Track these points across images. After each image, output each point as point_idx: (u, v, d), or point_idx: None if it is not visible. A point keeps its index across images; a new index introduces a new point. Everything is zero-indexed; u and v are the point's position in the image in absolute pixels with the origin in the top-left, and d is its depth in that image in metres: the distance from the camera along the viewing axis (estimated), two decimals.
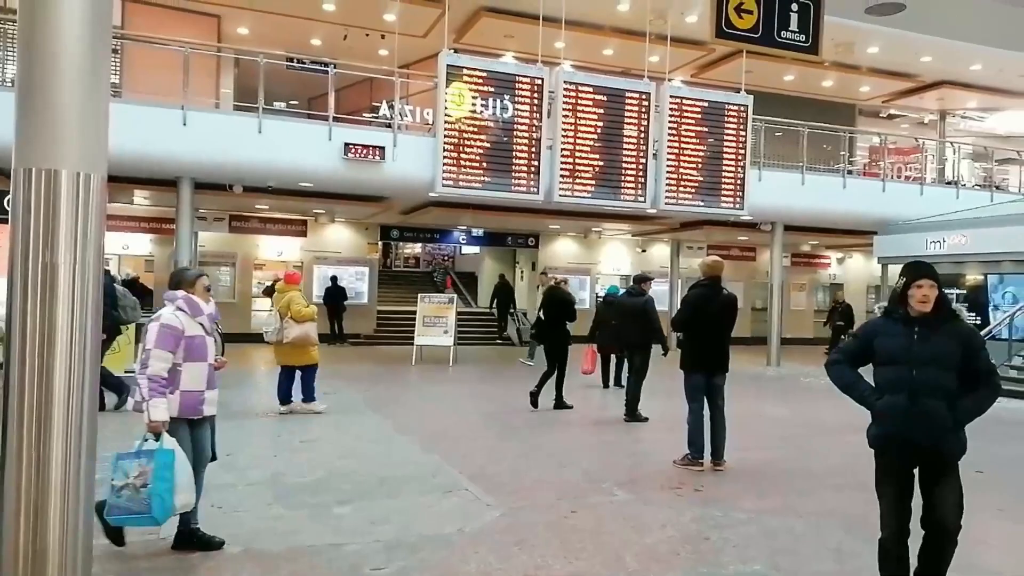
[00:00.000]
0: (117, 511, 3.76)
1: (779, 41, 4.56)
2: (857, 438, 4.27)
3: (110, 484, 3.76)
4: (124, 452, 3.81)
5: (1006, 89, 18.03)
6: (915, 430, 3.33)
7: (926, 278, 3.29)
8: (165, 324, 3.94)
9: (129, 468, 3.73)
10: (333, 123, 11.78)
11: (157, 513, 3.73)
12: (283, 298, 8.26)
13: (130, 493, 3.71)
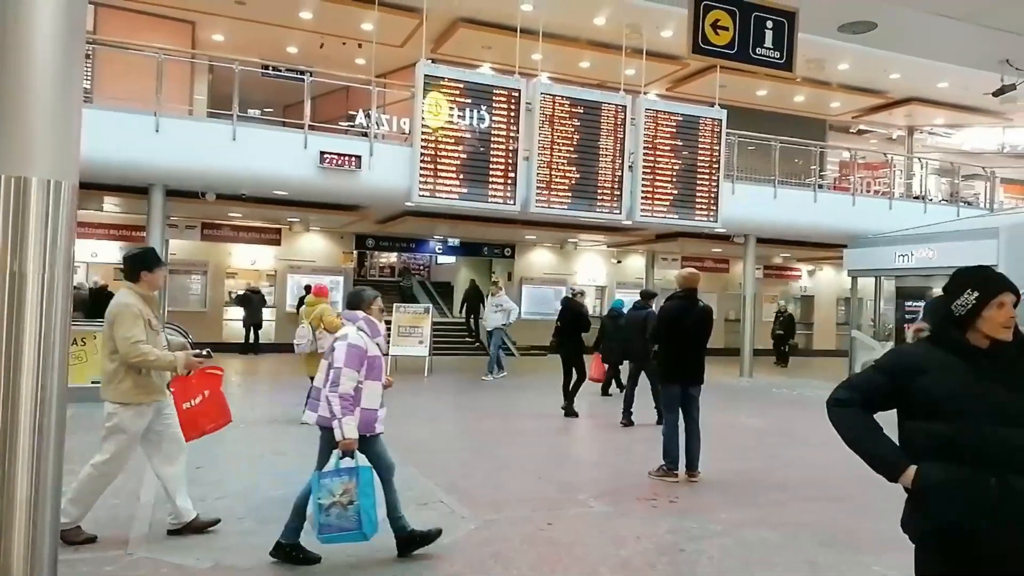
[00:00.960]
0: (328, 530, 3.82)
1: (754, 58, 4.66)
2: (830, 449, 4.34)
3: (316, 503, 3.80)
4: (324, 471, 3.87)
5: (972, 106, 18.50)
6: (999, 525, 2.12)
7: (1010, 292, 2.22)
8: (353, 344, 4.04)
9: (334, 487, 3.81)
10: (309, 131, 11.70)
11: (367, 528, 3.86)
12: (314, 310, 8.52)
13: (339, 511, 3.80)
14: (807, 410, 11.63)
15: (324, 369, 4.11)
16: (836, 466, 7.41)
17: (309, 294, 9.08)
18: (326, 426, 4.00)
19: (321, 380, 4.11)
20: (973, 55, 6.56)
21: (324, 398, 3.98)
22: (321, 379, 4.12)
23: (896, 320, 15.42)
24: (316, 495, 3.84)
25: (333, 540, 3.91)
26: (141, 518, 4.82)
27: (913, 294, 15.14)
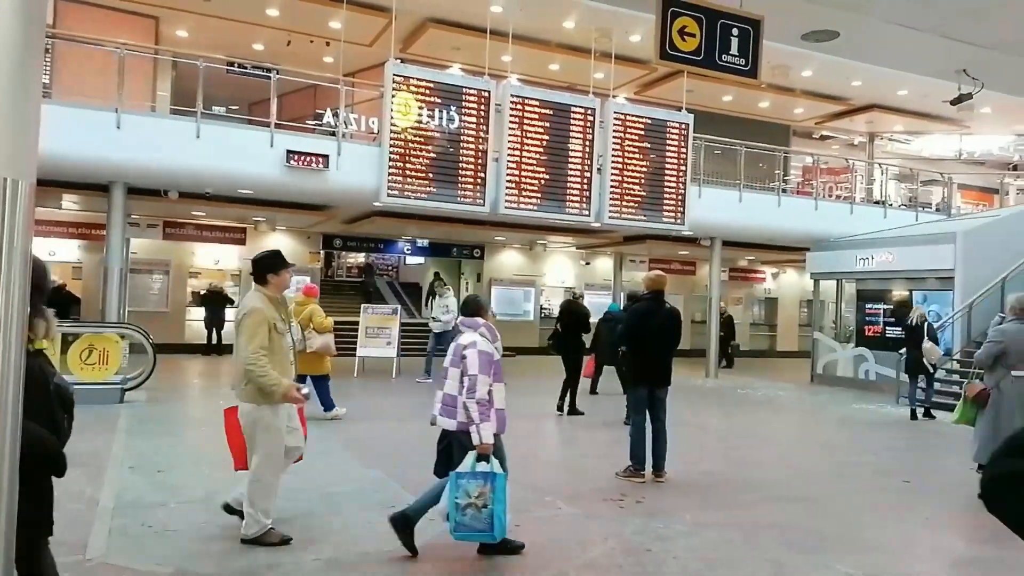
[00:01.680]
0: (463, 528, 4.06)
1: (720, 64, 4.72)
2: (796, 450, 4.41)
3: (453, 502, 4.01)
4: (461, 472, 4.05)
5: (931, 114, 19.01)
6: None
7: None
8: (483, 351, 4.24)
9: (471, 488, 4.02)
10: (275, 130, 11.57)
11: (497, 531, 4.08)
12: (303, 310, 8.63)
13: (473, 512, 4.02)
14: (771, 411, 11.83)
15: (456, 377, 4.28)
16: (799, 467, 7.56)
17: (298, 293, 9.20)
18: (464, 431, 4.18)
19: (454, 387, 4.27)
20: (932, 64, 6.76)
21: (461, 404, 4.18)
22: (454, 386, 4.28)
23: (857, 322, 15.76)
24: (454, 495, 4.03)
25: (465, 538, 4.16)
26: (101, 523, 4.71)
27: (873, 297, 15.49)
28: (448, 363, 4.37)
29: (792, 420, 11.23)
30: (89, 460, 6.36)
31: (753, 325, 24.02)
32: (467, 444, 4.16)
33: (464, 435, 4.20)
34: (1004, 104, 17.22)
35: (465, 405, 4.14)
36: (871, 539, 4.98)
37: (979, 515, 5.74)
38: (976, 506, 5.93)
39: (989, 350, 6.07)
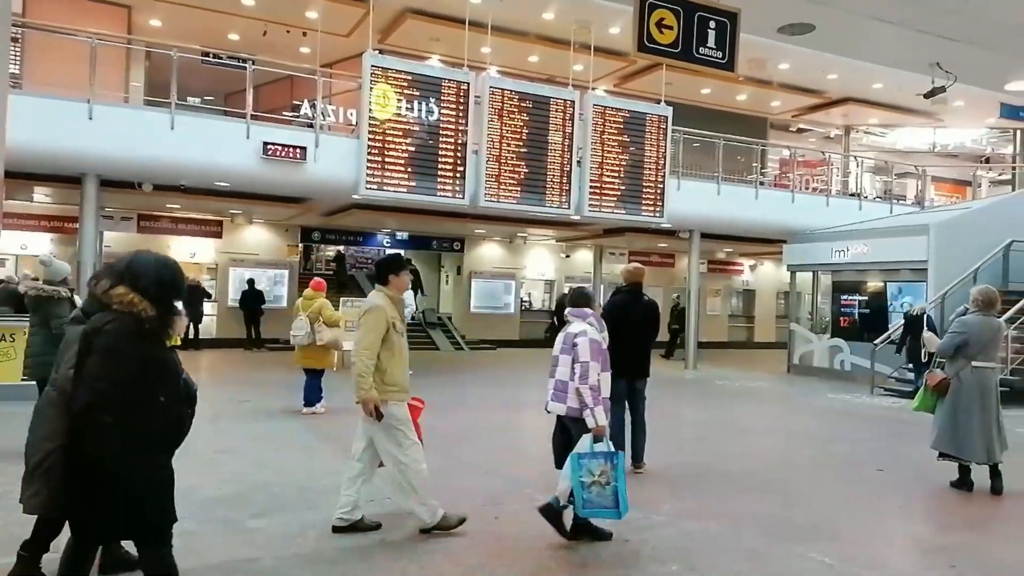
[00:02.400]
0: (590, 505, 4.26)
1: (697, 57, 4.73)
2: (770, 440, 4.47)
3: (579, 481, 4.20)
4: (582, 452, 4.26)
5: (905, 107, 19.24)
6: None
7: None
8: (593, 339, 4.44)
9: (594, 467, 4.23)
10: (251, 121, 11.44)
11: (622, 508, 4.30)
12: (312, 304, 8.76)
13: (598, 490, 4.24)
14: (749, 402, 11.96)
15: (567, 363, 4.46)
16: (776, 457, 7.65)
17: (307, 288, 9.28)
18: (575, 416, 4.40)
19: (565, 373, 4.46)
20: (906, 58, 6.85)
21: (573, 390, 4.39)
22: (565, 372, 4.47)
23: (832, 313, 15.96)
24: (578, 474, 4.21)
25: (592, 515, 4.36)
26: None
27: (849, 288, 15.70)
28: (558, 351, 4.58)
29: (769, 411, 11.35)
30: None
31: (731, 317, 24.24)
32: (579, 429, 4.40)
33: (572, 419, 4.44)
34: (976, 97, 17.47)
35: (578, 390, 4.36)
36: (845, 528, 5.06)
37: (950, 503, 5.87)
38: (950, 495, 6.05)
39: (951, 340, 6.18)
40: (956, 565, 4.39)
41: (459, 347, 19.64)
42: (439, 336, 20.08)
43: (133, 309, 2.70)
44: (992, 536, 5.10)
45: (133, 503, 2.75)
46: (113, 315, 2.71)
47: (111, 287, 2.74)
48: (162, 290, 2.79)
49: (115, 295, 2.72)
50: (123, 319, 2.69)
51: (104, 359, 2.66)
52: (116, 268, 2.82)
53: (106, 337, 2.67)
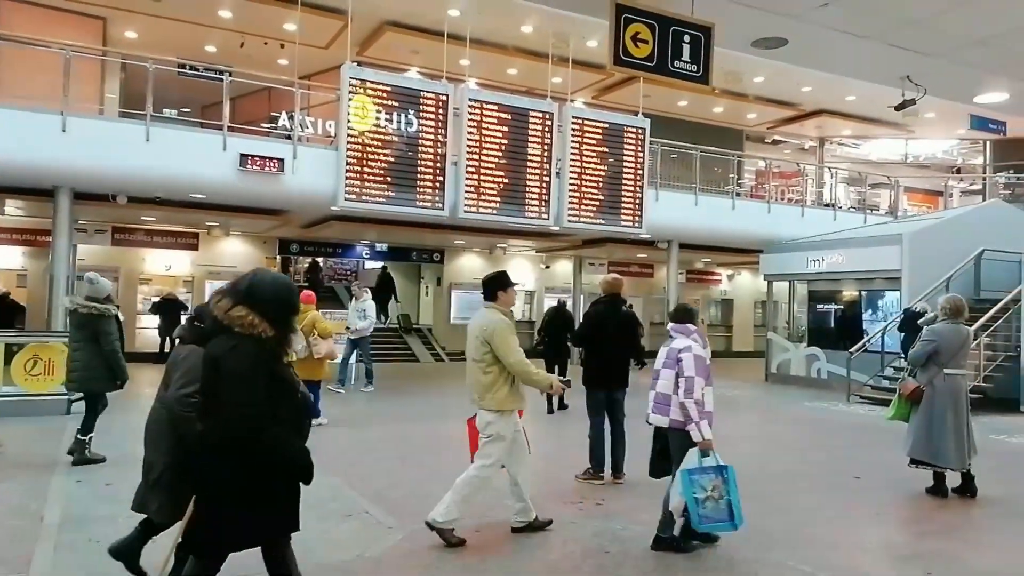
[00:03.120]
0: (707, 520, 4.32)
1: (672, 70, 4.79)
2: (751, 449, 4.50)
3: (692, 498, 4.27)
4: (692, 469, 4.31)
5: (877, 119, 19.57)
6: None
7: None
8: (698, 355, 4.57)
9: (706, 483, 4.31)
10: (228, 133, 11.35)
11: (737, 520, 4.36)
12: (304, 317, 8.63)
13: (713, 504, 4.31)
14: (727, 411, 11.99)
15: (669, 377, 4.61)
16: (753, 466, 7.68)
17: None
18: (678, 428, 4.50)
19: (668, 387, 4.61)
20: (877, 71, 6.99)
21: (678, 404, 4.51)
22: (668, 386, 4.61)
23: (808, 322, 16.14)
24: (691, 490, 4.28)
25: (710, 529, 4.44)
26: (46, 539, 4.56)
27: (824, 297, 15.89)
28: (660, 365, 4.73)
29: (747, 420, 11.42)
30: (34, 473, 6.16)
31: (710, 326, 24.38)
32: (679, 441, 4.50)
33: (675, 432, 4.55)
34: (947, 109, 17.83)
35: (682, 404, 4.47)
36: (822, 535, 5.11)
37: (925, 509, 5.94)
38: (925, 501, 6.12)
39: (923, 349, 6.28)
40: (932, 572, 4.44)
41: (439, 358, 19.58)
42: (419, 347, 20.01)
43: (253, 331, 2.77)
44: (966, 543, 5.16)
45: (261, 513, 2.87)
46: (236, 339, 2.77)
47: (231, 308, 2.81)
48: (279, 310, 2.87)
49: (235, 317, 2.79)
50: (245, 342, 2.76)
51: (231, 384, 2.72)
52: (238, 287, 2.88)
53: (231, 362, 2.74)
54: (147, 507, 3.69)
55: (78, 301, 6.55)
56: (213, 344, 2.82)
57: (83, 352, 6.43)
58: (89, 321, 6.41)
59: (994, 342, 12.12)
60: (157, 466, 3.65)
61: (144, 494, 3.73)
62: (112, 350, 6.47)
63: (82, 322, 6.44)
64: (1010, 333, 12.27)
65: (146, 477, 3.72)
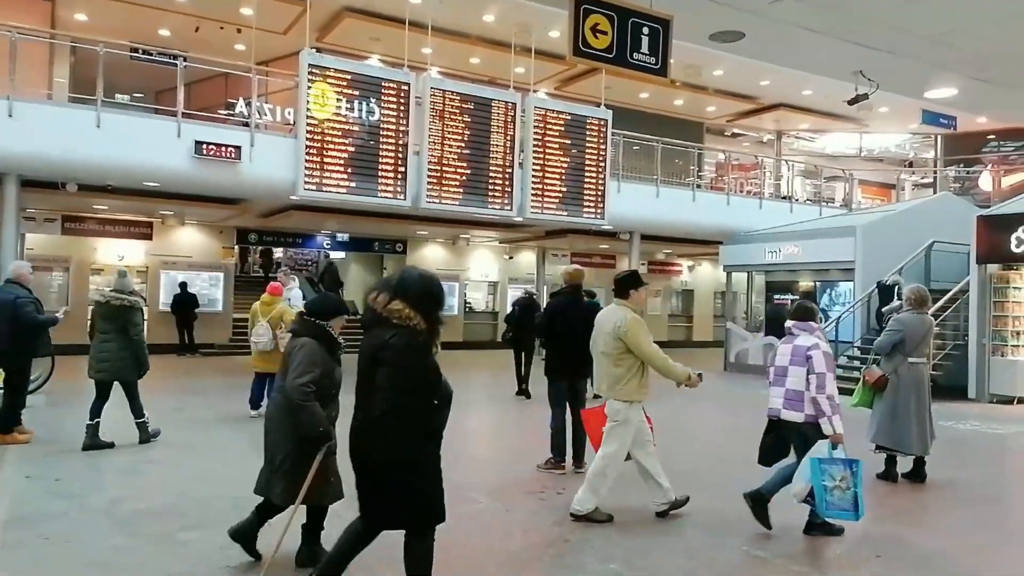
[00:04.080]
0: (832, 507, 4.58)
1: (631, 62, 4.81)
2: (710, 437, 4.59)
3: (821, 485, 4.52)
4: (823, 459, 4.53)
5: (833, 113, 19.99)
6: None
7: None
8: (827, 352, 4.79)
9: (835, 473, 4.53)
10: (183, 119, 11.08)
11: (860, 511, 4.56)
12: (272, 309, 8.58)
13: (839, 494, 4.53)
14: (687, 400, 12.15)
15: (799, 375, 4.75)
16: (712, 454, 7.83)
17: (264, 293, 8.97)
18: (811, 422, 4.67)
19: (799, 384, 4.74)
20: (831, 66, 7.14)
21: (810, 399, 4.66)
22: (799, 383, 4.75)
23: (766, 312, 16.44)
24: (820, 479, 4.52)
25: (834, 516, 4.65)
26: None
27: (781, 288, 16.20)
28: (788, 363, 4.87)
29: (706, 409, 11.60)
30: None
31: (671, 316, 24.71)
32: (810, 435, 4.67)
33: (808, 425, 4.69)
34: (900, 104, 18.27)
35: (814, 400, 4.64)
36: (778, 521, 5.21)
37: (877, 494, 6.10)
38: (877, 486, 6.29)
39: (889, 338, 6.43)
40: (881, 555, 4.57)
41: None
42: None
43: (409, 323, 3.07)
44: (915, 526, 5.33)
45: (415, 497, 3.16)
46: (394, 329, 3.07)
47: (389, 302, 3.10)
48: (430, 303, 3.15)
49: (393, 310, 3.09)
50: (403, 333, 3.06)
51: (393, 371, 3.02)
52: (390, 283, 3.19)
53: (392, 351, 3.03)
54: (271, 491, 3.92)
55: (109, 294, 6.88)
56: (373, 334, 3.12)
57: (114, 343, 6.80)
58: (120, 313, 6.80)
59: (943, 331, 12.51)
60: (280, 452, 3.88)
61: (267, 478, 3.96)
62: (140, 340, 6.93)
63: (113, 314, 6.80)
64: (959, 323, 12.68)
65: (271, 463, 3.95)
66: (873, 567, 4.44)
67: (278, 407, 3.95)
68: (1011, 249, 11.81)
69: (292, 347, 3.90)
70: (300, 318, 4.05)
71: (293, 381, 3.71)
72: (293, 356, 3.84)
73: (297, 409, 3.72)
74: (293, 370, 3.75)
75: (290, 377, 3.75)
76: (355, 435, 3.17)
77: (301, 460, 3.73)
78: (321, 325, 3.97)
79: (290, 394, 3.72)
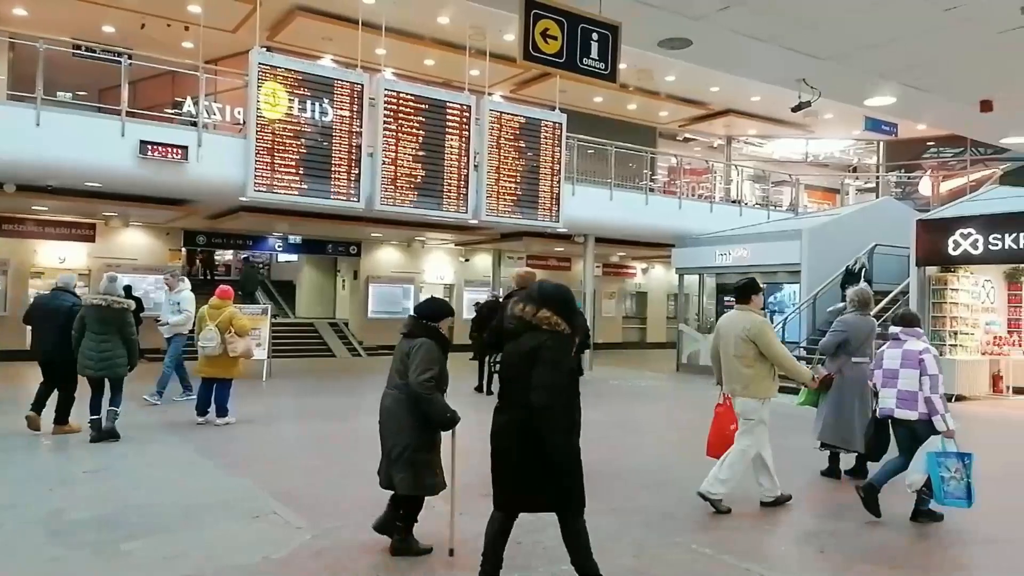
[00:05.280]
0: (949, 496, 5.01)
1: (581, 67, 4.86)
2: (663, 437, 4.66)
3: (939, 476, 4.97)
4: (937, 452, 5.00)
5: (780, 119, 20.51)
6: None
7: None
8: (935, 355, 5.29)
9: (950, 465, 4.99)
10: (127, 119, 10.77)
11: (972, 499, 5.00)
12: (220, 313, 8.43)
13: (955, 484, 4.98)
14: (641, 400, 12.37)
15: (912, 376, 5.18)
16: (665, 453, 7.94)
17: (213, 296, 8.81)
18: (925, 420, 5.11)
19: (912, 384, 5.17)
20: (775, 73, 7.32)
21: (923, 399, 5.12)
22: (912, 384, 5.18)
23: (717, 314, 16.75)
24: (937, 470, 4.98)
25: (951, 504, 5.06)
26: None
27: (732, 290, 16.50)
28: (899, 365, 5.28)
29: (659, 409, 11.79)
30: None
31: (625, 318, 25.00)
32: (920, 431, 5.12)
33: (920, 423, 5.12)
34: (843, 111, 18.85)
35: (928, 399, 5.09)
36: (725, 518, 5.32)
37: (822, 491, 6.27)
38: (821, 483, 6.46)
39: (834, 339, 6.62)
40: (824, 550, 4.70)
41: (356, 353, 19.27)
42: (335, 342, 19.63)
43: (557, 328, 3.49)
44: (857, 521, 5.47)
45: (569, 480, 3.58)
46: (546, 335, 3.47)
47: (537, 311, 3.49)
48: (567, 310, 3.55)
49: (543, 318, 3.49)
50: (554, 337, 3.47)
51: (550, 369, 3.40)
52: (532, 296, 3.58)
53: (548, 352, 3.42)
54: (392, 480, 4.27)
55: (107, 298, 7.41)
56: (525, 338, 3.49)
57: (110, 343, 7.36)
58: (118, 315, 7.41)
59: (884, 332, 12.90)
60: (397, 445, 4.21)
61: (387, 470, 4.29)
62: (135, 340, 7.61)
63: (108, 316, 7.36)
64: None
65: (388, 455, 4.28)
66: (818, 562, 4.56)
67: (395, 402, 4.26)
68: (949, 252, 12.27)
69: (409, 347, 4.24)
70: (414, 321, 4.38)
71: (417, 378, 4.09)
72: (413, 355, 4.17)
73: (424, 402, 4.12)
74: (415, 368, 4.11)
75: (413, 375, 4.11)
76: (513, 429, 3.52)
77: (419, 450, 4.21)
78: (433, 327, 4.35)
79: (416, 390, 4.10)
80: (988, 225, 11.85)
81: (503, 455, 3.62)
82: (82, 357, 7.37)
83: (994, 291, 13.24)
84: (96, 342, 7.34)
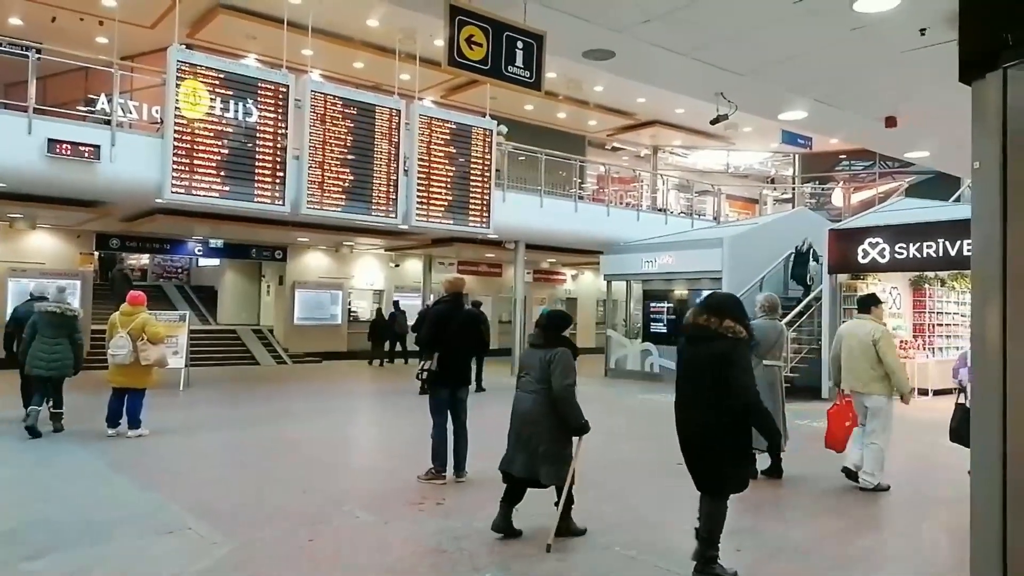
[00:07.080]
0: None
1: (506, 75, 4.87)
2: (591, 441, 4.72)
3: None
4: None
5: (703, 131, 21.16)
6: None
7: None
8: None
9: None
10: (34, 115, 10.22)
11: None
12: (133, 320, 8.09)
13: None
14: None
15: None
16: (593, 457, 7.99)
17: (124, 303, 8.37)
18: None
19: None
20: (693, 86, 7.54)
21: None
22: None
23: (644, 320, 17.12)
24: None
25: None
26: None
27: (657, 296, 16.92)
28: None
29: (588, 412, 11.88)
30: None
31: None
32: None
33: None
34: (761, 125, 19.61)
35: None
36: (648, 519, 5.43)
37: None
38: None
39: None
40: (741, 548, 4.84)
41: (281, 361, 18.78)
42: (259, 349, 19.08)
43: (739, 335, 3.93)
44: (773, 519, 5.68)
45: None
46: (732, 342, 3.92)
47: (722, 321, 3.93)
48: (743, 316, 4.03)
49: (727, 326, 3.93)
50: (739, 343, 3.94)
51: (742, 372, 3.91)
52: (710, 307, 4.06)
53: (739, 356, 3.92)
54: (536, 472, 4.69)
55: (60, 305, 8.10)
56: (710, 346, 3.94)
57: (62, 346, 8.01)
58: (66, 321, 8.04)
59: (799, 336, 13.47)
60: (542, 443, 4.68)
61: (529, 464, 4.70)
62: (81, 344, 8.29)
63: (61, 322, 8.02)
64: (813, 328, 13.70)
65: (533, 452, 4.71)
66: (734, 560, 4.69)
67: (537, 404, 4.73)
68: (858, 260, 12.90)
69: (547, 357, 4.73)
70: (544, 332, 4.86)
71: (562, 383, 4.64)
72: (555, 364, 4.68)
73: (567, 405, 4.67)
74: (559, 375, 4.65)
75: (557, 381, 4.64)
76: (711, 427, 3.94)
77: (559, 446, 4.75)
78: (565, 336, 4.87)
79: (561, 394, 4.64)
80: (895, 235, 12.51)
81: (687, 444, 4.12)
82: (32, 358, 7.92)
83: (900, 297, 13.99)
84: (49, 345, 7.95)
